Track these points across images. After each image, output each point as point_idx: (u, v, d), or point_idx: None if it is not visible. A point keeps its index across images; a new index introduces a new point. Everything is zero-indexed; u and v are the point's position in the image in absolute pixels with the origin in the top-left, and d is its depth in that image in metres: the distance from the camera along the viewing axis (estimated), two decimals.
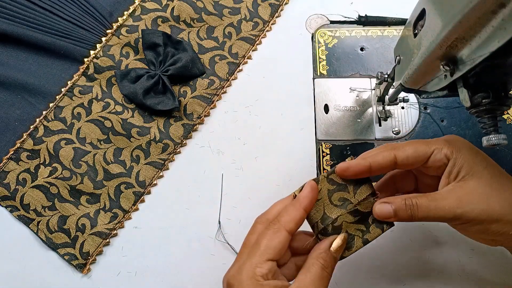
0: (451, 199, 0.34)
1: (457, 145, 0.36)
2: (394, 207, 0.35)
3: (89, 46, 0.56)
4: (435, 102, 0.53)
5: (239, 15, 0.57)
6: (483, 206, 0.33)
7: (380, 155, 0.36)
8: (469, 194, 0.34)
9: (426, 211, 0.34)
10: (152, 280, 0.48)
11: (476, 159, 0.35)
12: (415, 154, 0.36)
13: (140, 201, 0.51)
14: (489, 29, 0.26)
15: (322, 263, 0.34)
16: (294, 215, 0.35)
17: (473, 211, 0.33)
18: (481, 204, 0.33)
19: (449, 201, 0.34)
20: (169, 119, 0.53)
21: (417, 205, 0.34)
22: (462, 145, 0.36)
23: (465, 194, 0.34)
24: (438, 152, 0.35)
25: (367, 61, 0.55)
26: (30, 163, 0.52)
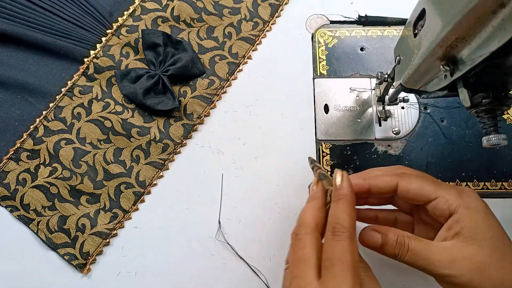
0: (444, 256, 0.32)
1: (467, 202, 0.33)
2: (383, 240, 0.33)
3: (89, 46, 0.56)
4: (435, 102, 0.53)
5: (239, 15, 0.57)
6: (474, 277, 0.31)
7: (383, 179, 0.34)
8: (465, 260, 0.32)
9: (414, 258, 0.33)
10: (152, 280, 0.48)
11: (483, 224, 0.33)
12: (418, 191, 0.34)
13: (140, 201, 0.51)
14: (489, 29, 0.26)
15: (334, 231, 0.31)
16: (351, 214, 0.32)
17: (462, 278, 0.32)
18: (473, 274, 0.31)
19: (441, 258, 0.32)
20: (169, 119, 0.54)
21: (408, 247, 0.33)
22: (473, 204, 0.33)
23: (460, 257, 0.32)
24: (443, 201, 0.33)
25: (367, 61, 0.55)
26: (30, 163, 0.52)
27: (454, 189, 0.34)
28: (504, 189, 0.50)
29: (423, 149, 0.51)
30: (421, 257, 0.32)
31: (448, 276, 0.32)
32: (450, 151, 0.51)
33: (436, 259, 0.32)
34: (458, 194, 0.33)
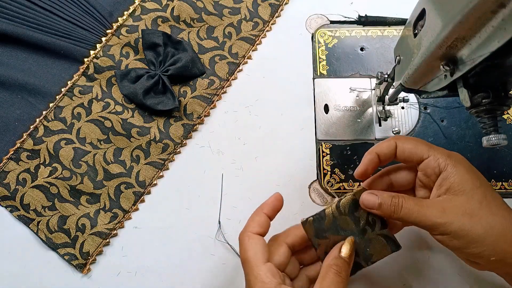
0: (435, 208, 0.34)
1: (455, 160, 0.36)
2: (379, 201, 0.36)
3: (89, 46, 0.56)
4: (435, 102, 0.53)
5: (239, 15, 0.57)
6: (464, 223, 0.33)
7: (384, 143, 0.38)
8: (455, 208, 0.34)
9: (408, 213, 0.35)
10: (152, 280, 0.48)
11: (471, 177, 0.35)
12: (412, 150, 0.37)
13: (140, 201, 0.51)
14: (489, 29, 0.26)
15: (335, 269, 0.35)
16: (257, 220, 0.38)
17: (452, 224, 0.33)
18: (463, 220, 0.33)
19: (433, 210, 0.34)
20: (169, 119, 0.54)
21: (402, 205, 0.35)
22: (460, 162, 0.36)
23: (451, 206, 0.34)
24: (434, 159, 0.36)
25: (367, 61, 0.55)
26: (30, 163, 0.52)
27: (444, 150, 0.37)
28: (504, 189, 0.50)
29: None
30: (414, 212, 0.35)
31: (440, 225, 0.34)
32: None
33: (428, 212, 0.34)
34: (447, 154, 0.36)
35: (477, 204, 0.34)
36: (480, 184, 0.35)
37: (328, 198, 0.51)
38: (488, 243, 0.33)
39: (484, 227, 0.33)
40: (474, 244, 0.33)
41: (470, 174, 0.35)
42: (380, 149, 0.38)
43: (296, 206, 0.50)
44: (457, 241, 0.34)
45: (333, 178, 0.51)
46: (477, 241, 0.33)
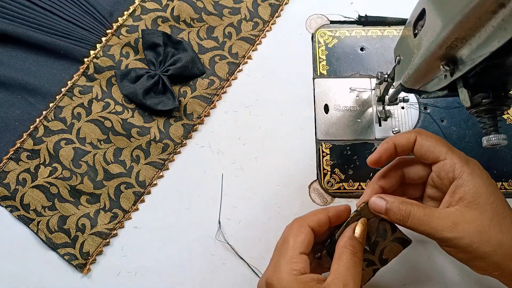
0: (446, 221, 0.33)
1: (472, 169, 0.35)
2: (387, 206, 0.35)
3: (89, 46, 0.56)
4: (435, 102, 0.53)
5: (239, 15, 0.57)
6: (474, 239, 0.33)
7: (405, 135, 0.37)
8: (466, 223, 0.33)
9: (417, 223, 0.34)
10: (152, 280, 0.48)
11: (486, 190, 0.34)
12: (431, 148, 0.36)
13: (140, 201, 0.51)
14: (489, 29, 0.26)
15: (351, 249, 0.35)
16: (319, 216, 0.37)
17: (463, 240, 0.33)
18: (474, 237, 0.33)
19: (444, 223, 0.33)
20: (169, 119, 0.54)
21: (410, 213, 0.34)
22: (477, 171, 0.35)
23: (462, 221, 0.33)
24: (450, 163, 0.35)
25: (367, 61, 0.55)
26: (30, 163, 0.52)
27: (462, 155, 0.36)
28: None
29: None
30: (423, 223, 0.34)
31: (450, 239, 0.33)
32: None
33: (439, 224, 0.33)
34: (465, 161, 0.35)
35: (488, 221, 0.33)
36: (494, 199, 0.34)
37: (328, 198, 0.51)
38: (494, 260, 0.33)
39: (492, 245, 0.33)
40: (480, 260, 0.33)
41: (486, 186, 0.34)
42: (398, 140, 0.37)
43: (296, 206, 0.50)
44: (464, 255, 0.34)
45: (333, 178, 0.51)
46: (484, 257, 0.33)
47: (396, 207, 0.35)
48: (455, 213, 0.34)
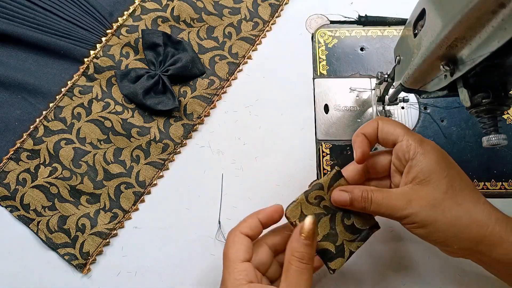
0: (401, 199, 0.35)
1: (425, 149, 0.36)
2: (350, 197, 0.37)
3: (89, 46, 0.56)
4: (435, 102, 0.53)
5: (239, 15, 0.57)
6: (429, 213, 0.34)
7: (369, 123, 0.40)
8: (420, 199, 0.35)
9: (378, 207, 0.36)
10: (152, 280, 0.48)
11: (438, 166, 0.36)
12: (390, 130, 0.38)
13: (140, 201, 0.51)
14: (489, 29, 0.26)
15: (298, 257, 0.35)
16: (249, 222, 0.38)
17: (418, 215, 0.34)
18: (428, 211, 0.34)
19: (399, 202, 0.35)
20: (169, 119, 0.53)
21: (371, 199, 0.36)
22: (430, 151, 0.36)
23: (416, 198, 0.35)
24: (406, 144, 0.37)
25: (367, 61, 0.55)
26: (30, 163, 0.52)
27: (418, 137, 0.38)
28: (504, 189, 0.50)
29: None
30: (383, 206, 0.36)
31: (407, 216, 0.35)
32: (450, 151, 0.51)
33: (395, 204, 0.35)
34: (419, 142, 0.37)
35: (442, 194, 0.35)
36: (447, 174, 0.35)
37: None
38: (452, 232, 0.34)
39: (447, 217, 0.34)
40: (439, 233, 0.35)
41: (439, 163, 0.36)
42: (365, 130, 0.39)
43: None
44: (423, 230, 0.35)
45: None
46: (441, 230, 0.34)
47: (358, 196, 0.37)
48: (409, 191, 0.36)
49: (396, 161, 0.39)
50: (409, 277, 0.48)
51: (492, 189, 0.50)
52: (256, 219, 0.39)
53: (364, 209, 0.37)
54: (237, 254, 0.36)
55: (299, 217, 0.38)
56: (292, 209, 0.38)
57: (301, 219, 0.37)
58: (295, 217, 0.38)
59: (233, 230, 0.38)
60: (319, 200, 0.39)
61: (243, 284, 0.34)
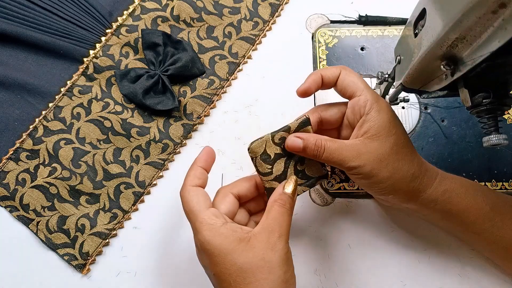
0: (351, 151, 0.38)
1: (380, 107, 0.39)
2: (304, 144, 0.39)
3: (88, 46, 0.56)
4: (435, 102, 0.53)
5: (239, 15, 0.57)
6: (374, 166, 0.38)
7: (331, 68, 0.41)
8: (368, 153, 0.38)
9: (329, 156, 0.38)
10: (152, 280, 0.48)
11: (389, 124, 0.38)
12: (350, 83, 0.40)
13: (139, 201, 0.51)
14: (489, 29, 0.26)
15: (280, 202, 0.38)
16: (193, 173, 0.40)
17: (365, 167, 0.38)
18: (374, 164, 0.38)
19: (349, 153, 0.38)
20: (169, 119, 0.53)
21: (324, 148, 0.38)
22: (384, 110, 0.39)
23: (365, 151, 0.38)
24: (363, 99, 0.39)
25: (367, 61, 0.55)
26: (29, 163, 0.52)
27: (375, 94, 0.40)
28: (505, 189, 0.50)
29: (424, 149, 0.51)
30: (335, 155, 0.38)
31: (355, 167, 0.38)
32: (451, 151, 0.51)
33: (346, 155, 0.38)
34: (376, 99, 0.39)
35: (388, 150, 0.38)
36: (395, 132, 0.39)
37: (328, 198, 0.50)
38: (390, 183, 0.38)
39: (389, 171, 0.38)
40: (379, 184, 0.39)
41: (389, 122, 0.39)
42: (325, 72, 0.41)
43: (296, 206, 0.50)
44: (366, 181, 0.39)
45: (333, 178, 0.51)
46: (381, 182, 0.38)
47: (312, 143, 0.38)
48: (360, 144, 0.38)
49: (351, 115, 0.41)
50: (409, 277, 0.48)
51: (493, 189, 0.50)
52: (199, 168, 0.40)
53: (316, 157, 0.39)
54: (199, 204, 0.37)
55: (261, 154, 0.40)
56: (256, 146, 0.40)
57: (262, 156, 0.40)
58: (256, 154, 0.40)
59: (182, 188, 0.39)
60: (282, 141, 0.40)
61: (219, 226, 0.36)
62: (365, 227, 0.49)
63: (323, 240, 0.49)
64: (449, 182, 0.41)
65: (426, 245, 0.49)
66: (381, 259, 0.48)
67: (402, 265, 0.48)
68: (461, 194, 0.40)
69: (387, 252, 0.48)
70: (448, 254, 0.48)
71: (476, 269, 0.48)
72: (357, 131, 0.39)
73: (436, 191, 0.40)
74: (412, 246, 0.49)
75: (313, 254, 0.49)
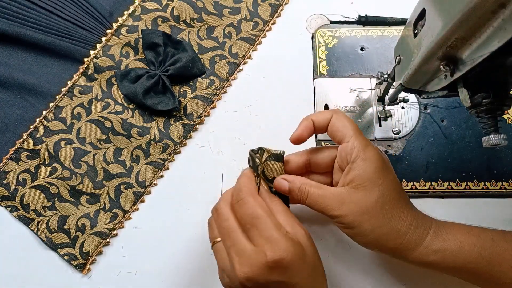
0: (335, 200, 0.37)
1: (367, 156, 0.37)
2: (289, 187, 0.39)
3: (89, 46, 0.56)
4: (435, 102, 0.53)
5: (239, 15, 0.57)
6: (356, 218, 0.36)
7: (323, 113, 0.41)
8: (351, 203, 0.37)
9: (312, 203, 0.38)
10: (152, 280, 0.48)
11: (375, 175, 0.37)
12: (340, 128, 0.39)
13: (140, 201, 0.51)
14: (489, 29, 0.26)
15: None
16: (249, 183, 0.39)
17: (347, 218, 0.37)
18: (356, 216, 0.36)
19: (332, 201, 0.37)
20: (169, 119, 0.53)
21: (307, 194, 0.38)
22: (372, 157, 0.37)
23: (348, 201, 0.37)
24: (351, 146, 0.38)
25: (367, 61, 0.55)
26: (30, 163, 0.52)
27: (364, 141, 0.39)
28: (504, 189, 0.50)
29: (423, 149, 0.51)
30: (318, 203, 0.38)
31: (337, 216, 0.37)
32: (450, 151, 0.51)
33: (329, 203, 0.37)
34: (364, 146, 0.38)
35: (373, 202, 0.37)
36: (382, 183, 0.37)
37: None
38: (373, 237, 0.37)
39: (372, 224, 0.36)
40: (362, 236, 0.37)
41: (376, 172, 0.37)
42: (316, 117, 0.41)
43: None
44: (349, 231, 0.38)
45: None
46: (364, 234, 0.37)
47: (297, 188, 0.39)
48: (344, 193, 0.37)
49: (339, 160, 0.40)
50: (409, 277, 0.48)
51: (492, 189, 0.50)
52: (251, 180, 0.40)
53: (300, 201, 0.39)
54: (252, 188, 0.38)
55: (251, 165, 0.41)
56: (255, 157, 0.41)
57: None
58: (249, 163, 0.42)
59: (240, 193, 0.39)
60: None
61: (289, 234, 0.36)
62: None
63: (323, 240, 0.49)
64: (442, 240, 0.38)
65: None
66: (381, 259, 0.48)
67: (402, 266, 0.48)
68: (455, 252, 0.38)
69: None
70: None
71: None
72: (343, 179, 0.39)
73: (427, 250, 0.38)
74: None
75: None
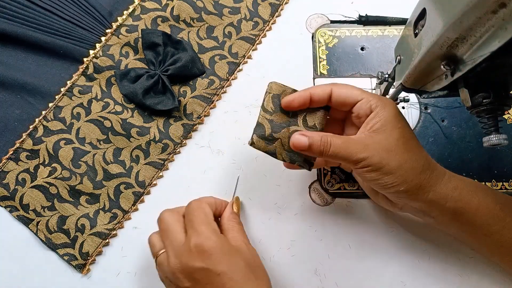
0: (358, 144, 0.38)
1: (384, 103, 0.39)
2: (310, 141, 0.39)
3: (88, 46, 0.56)
4: (435, 102, 0.53)
5: (239, 15, 0.57)
6: (383, 156, 0.37)
7: (321, 87, 0.41)
8: (375, 144, 0.38)
9: (336, 150, 0.38)
10: (152, 280, 0.48)
11: (394, 119, 0.39)
12: (348, 94, 0.40)
13: (139, 201, 0.51)
14: (489, 29, 0.26)
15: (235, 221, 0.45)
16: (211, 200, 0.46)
17: (373, 158, 0.37)
18: (382, 154, 0.37)
19: (356, 146, 0.38)
20: (169, 119, 0.53)
21: (330, 143, 0.38)
22: (388, 105, 0.39)
23: (371, 143, 0.38)
24: (366, 102, 0.39)
25: (367, 61, 0.55)
26: (29, 163, 0.52)
27: (376, 95, 0.40)
28: (505, 189, 0.50)
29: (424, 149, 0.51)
30: (341, 149, 0.38)
31: (363, 158, 0.37)
32: (451, 151, 0.51)
33: (353, 148, 0.38)
34: (378, 98, 0.40)
35: (395, 141, 0.38)
36: (401, 125, 0.39)
37: (328, 198, 0.50)
38: (400, 174, 0.38)
39: (398, 160, 0.38)
40: (388, 176, 0.38)
41: (394, 116, 0.39)
42: (315, 91, 0.41)
43: (296, 206, 0.50)
44: (375, 173, 0.38)
45: (333, 178, 0.51)
46: (391, 172, 0.37)
47: (318, 140, 0.38)
48: (365, 138, 0.39)
49: (356, 120, 0.41)
50: (409, 277, 0.48)
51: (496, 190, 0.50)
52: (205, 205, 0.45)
53: (323, 153, 0.38)
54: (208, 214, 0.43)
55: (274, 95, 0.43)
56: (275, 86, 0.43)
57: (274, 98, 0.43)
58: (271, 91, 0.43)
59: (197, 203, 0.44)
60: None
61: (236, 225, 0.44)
62: (365, 227, 0.49)
63: (323, 240, 0.49)
64: (458, 180, 0.40)
65: (426, 245, 0.49)
66: (381, 259, 0.48)
67: (402, 265, 0.48)
68: (472, 192, 0.40)
69: (387, 252, 0.48)
70: (448, 254, 0.48)
71: (476, 269, 0.48)
72: (363, 128, 0.40)
73: (446, 186, 0.39)
74: (412, 246, 0.49)
75: (313, 254, 0.49)
